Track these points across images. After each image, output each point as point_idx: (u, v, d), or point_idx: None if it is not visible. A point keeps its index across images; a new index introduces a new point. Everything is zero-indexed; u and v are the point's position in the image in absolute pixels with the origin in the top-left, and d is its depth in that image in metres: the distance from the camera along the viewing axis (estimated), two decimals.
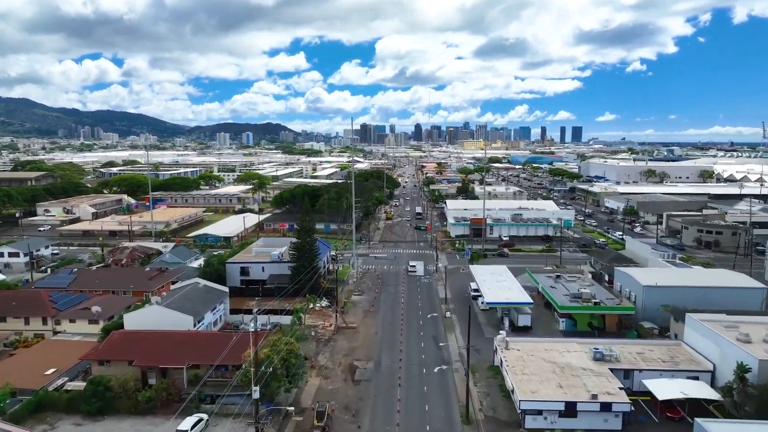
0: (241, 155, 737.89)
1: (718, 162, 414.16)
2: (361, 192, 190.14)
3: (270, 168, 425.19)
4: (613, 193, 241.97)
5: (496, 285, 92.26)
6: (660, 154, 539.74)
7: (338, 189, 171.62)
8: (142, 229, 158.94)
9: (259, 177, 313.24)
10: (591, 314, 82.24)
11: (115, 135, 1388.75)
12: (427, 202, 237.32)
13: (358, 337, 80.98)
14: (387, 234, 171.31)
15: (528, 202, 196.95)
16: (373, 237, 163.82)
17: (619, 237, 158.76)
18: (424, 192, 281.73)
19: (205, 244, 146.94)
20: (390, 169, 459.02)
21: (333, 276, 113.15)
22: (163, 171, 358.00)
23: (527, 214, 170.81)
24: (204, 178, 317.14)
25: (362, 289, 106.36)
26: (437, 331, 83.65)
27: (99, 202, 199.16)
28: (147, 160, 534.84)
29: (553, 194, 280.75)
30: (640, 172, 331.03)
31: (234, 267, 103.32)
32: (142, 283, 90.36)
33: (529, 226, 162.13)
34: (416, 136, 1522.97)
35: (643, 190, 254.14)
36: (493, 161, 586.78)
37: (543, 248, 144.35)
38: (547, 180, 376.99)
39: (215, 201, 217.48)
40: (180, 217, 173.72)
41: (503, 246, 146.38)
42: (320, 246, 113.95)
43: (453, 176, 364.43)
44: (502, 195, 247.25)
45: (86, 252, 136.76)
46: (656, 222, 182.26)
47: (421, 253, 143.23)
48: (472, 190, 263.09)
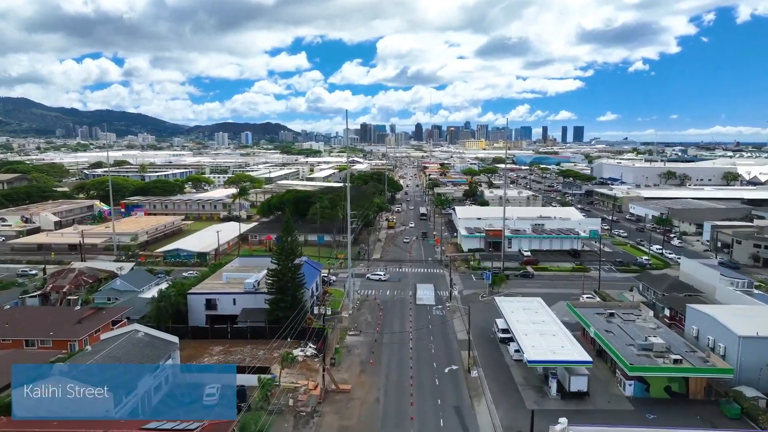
0: (238, 155, 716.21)
1: (737, 163, 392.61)
2: (360, 197, 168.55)
3: (265, 169, 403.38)
4: (636, 198, 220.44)
5: (534, 329, 70.68)
6: (674, 154, 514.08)
7: (333, 196, 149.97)
8: (106, 242, 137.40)
9: (250, 179, 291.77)
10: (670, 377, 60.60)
11: (113, 135, 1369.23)
12: (433, 208, 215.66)
13: (352, 408, 59.36)
14: (389, 247, 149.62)
15: (548, 210, 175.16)
16: (373, 251, 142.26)
17: (658, 251, 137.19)
18: (428, 196, 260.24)
19: (176, 261, 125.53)
20: (391, 170, 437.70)
21: (324, 304, 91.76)
22: (150, 173, 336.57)
23: (550, 225, 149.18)
24: (192, 181, 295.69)
25: (359, 326, 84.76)
26: (460, 397, 62.00)
27: (65, 209, 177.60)
28: (136, 161, 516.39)
29: (568, 198, 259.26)
30: (658, 174, 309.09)
31: (197, 299, 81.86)
32: (67, 329, 68.47)
33: (554, 239, 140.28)
34: (417, 136, 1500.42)
35: (669, 194, 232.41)
36: (498, 161, 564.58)
37: (573, 267, 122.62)
38: (557, 182, 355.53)
39: (198, 207, 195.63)
40: (153, 228, 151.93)
41: (526, 263, 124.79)
42: (308, 269, 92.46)
43: (458, 178, 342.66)
44: (514, 200, 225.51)
45: (39, 270, 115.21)
46: (695, 233, 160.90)
47: (430, 272, 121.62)
48: (480, 193, 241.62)
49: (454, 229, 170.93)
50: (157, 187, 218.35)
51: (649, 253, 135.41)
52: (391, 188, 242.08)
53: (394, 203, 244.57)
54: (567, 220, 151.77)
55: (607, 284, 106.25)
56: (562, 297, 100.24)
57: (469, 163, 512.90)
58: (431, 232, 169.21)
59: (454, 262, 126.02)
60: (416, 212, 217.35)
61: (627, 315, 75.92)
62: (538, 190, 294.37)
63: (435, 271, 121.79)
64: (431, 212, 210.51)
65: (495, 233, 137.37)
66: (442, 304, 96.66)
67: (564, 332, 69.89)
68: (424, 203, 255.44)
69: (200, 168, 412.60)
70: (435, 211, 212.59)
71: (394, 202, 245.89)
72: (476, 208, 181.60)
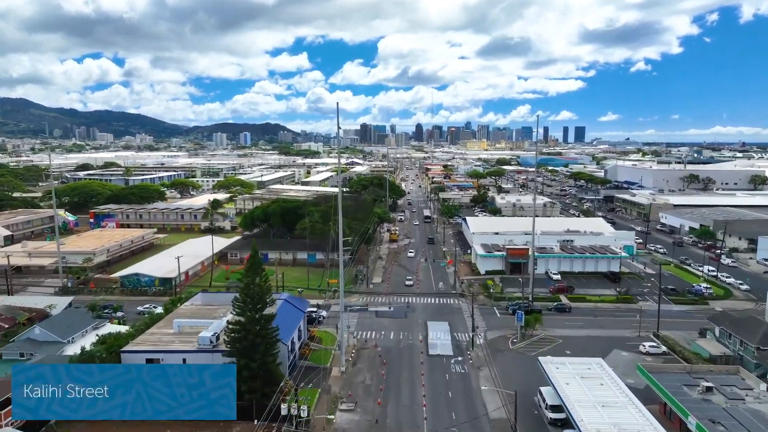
0: (235, 156, 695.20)
1: (755, 164, 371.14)
2: (357, 208, 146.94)
3: (260, 171, 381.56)
4: (665, 206, 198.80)
5: (604, 415, 49.11)
6: (680, 154, 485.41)
7: (326, 207, 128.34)
8: (57, 264, 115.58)
9: (241, 183, 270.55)
10: None
11: (110, 135, 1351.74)
12: (440, 217, 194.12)
13: None
14: (391, 266, 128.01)
15: (575, 222, 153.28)
16: (373, 272, 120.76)
17: (710, 274, 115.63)
18: (433, 202, 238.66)
19: (135, 288, 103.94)
20: (392, 172, 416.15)
21: (311, 350, 70.41)
22: (137, 175, 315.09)
23: (580, 240, 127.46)
24: (178, 185, 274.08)
25: (354, 394, 63.15)
26: None
27: (22, 220, 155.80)
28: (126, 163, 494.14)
29: (585, 204, 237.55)
30: (680, 177, 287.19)
31: (135, 360, 60.30)
32: None
33: (587, 258, 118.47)
34: (417, 137, 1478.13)
35: (698, 200, 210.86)
36: (501, 163, 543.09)
37: (617, 296, 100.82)
38: (569, 185, 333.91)
39: (176, 217, 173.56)
40: (117, 244, 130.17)
41: (558, 291, 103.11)
42: (287, 312, 71.00)
43: (464, 182, 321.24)
44: (528, 208, 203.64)
45: None
46: (747, 249, 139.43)
47: (442, 303, 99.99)
48: (491, 200, 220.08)
49: (464, 242, 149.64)
50: (133, 194, 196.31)
51: (702, 277, 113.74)
52: (392, 194, 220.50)
53: (396, 210, 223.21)
54: (599, 236, 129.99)
55: (666, 323, 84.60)
56: (614, 342, 79.18)
57: (473, 165, 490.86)
58: (439, 245, 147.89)
59: (471, 289, 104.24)
60: (420, 215, 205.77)
61: (730, 389, 54.27)
62: (551, 195, 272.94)
63: (449, 302, 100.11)
64: (437, 220, 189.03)
65: (518, 252, 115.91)
66: (462, 354, 75.05)
67: (646, 418, 48.37)
68: (428, 206, 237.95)
69: (191, 170, 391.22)
70: (441, 220, 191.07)
71: (396, 209, 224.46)
72: (491, 220, 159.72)
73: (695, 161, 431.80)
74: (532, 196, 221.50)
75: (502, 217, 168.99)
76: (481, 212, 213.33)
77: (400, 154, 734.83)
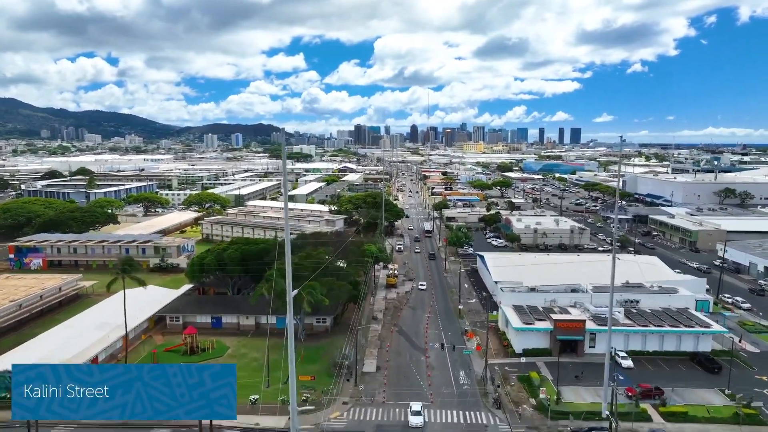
0: (223, 159, 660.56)
1: None
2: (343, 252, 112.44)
3: (242, 180, 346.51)
4: (716, 232, 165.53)
5: None
6: (711, 162, 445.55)
7: (303, 254, 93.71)
8: None
9: (214, 198, 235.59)
10: None
11: (99, 137, 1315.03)
12: (446, 247, 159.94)
13: None
14: (390, 336, 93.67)
15: (630, 266, 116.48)
16: (366, 348, 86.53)
17: None
18: (436, 222, 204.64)
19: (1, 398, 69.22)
20: (387, 180, 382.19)
21: None
22: (102, 187, 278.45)
23: (646, 300, 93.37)
24: (142, 200, 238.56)
25: None
26: None
27: None
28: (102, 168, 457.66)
29: (611, 225, 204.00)
30: (715, 192, 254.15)
31: None
32: None
33: (667, 334, 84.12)
34: (412, 138, 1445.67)
35: (753, 225, 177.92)
36: (503, 168, 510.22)
37: (735, 409, 66.66)
38: (584, 198, 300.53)
39: (120, 251, 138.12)
40: (14, 303, 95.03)
41: (644, 395, 68.99)
42: None
43: (467, 195, 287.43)
44: (552, 234, 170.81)
45: None
46: None
47: (469, 423, 65.78)
48: (505, 223, 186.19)
49: (480, 283, 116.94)
50: (74, 219, 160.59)
51: None
52: (389, 214, 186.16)
53: (393, 233, 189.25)
54: (673, 294, 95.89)
55: None
56: None
57: (474, 172, 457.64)
58: (448, 292, 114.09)
59: (508, 392, 70.21)
60: (419, 226, 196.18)
61: None
62: (567, 211, 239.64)
63: (479, 421, 65.90)
64: (445, 254, 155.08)
65: (572, 326, 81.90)
66: None
67: None
68: (428, 218, 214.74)
69: (167, 179, 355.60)
70: (449, 251, 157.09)
71: (393, 233, 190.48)
72: (516, 260, 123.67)
73: (713, 170, 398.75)
74: (554, 219, 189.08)
75: (529, 255, 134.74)
76: (495, 237, 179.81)
77: (395, 158, 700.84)
